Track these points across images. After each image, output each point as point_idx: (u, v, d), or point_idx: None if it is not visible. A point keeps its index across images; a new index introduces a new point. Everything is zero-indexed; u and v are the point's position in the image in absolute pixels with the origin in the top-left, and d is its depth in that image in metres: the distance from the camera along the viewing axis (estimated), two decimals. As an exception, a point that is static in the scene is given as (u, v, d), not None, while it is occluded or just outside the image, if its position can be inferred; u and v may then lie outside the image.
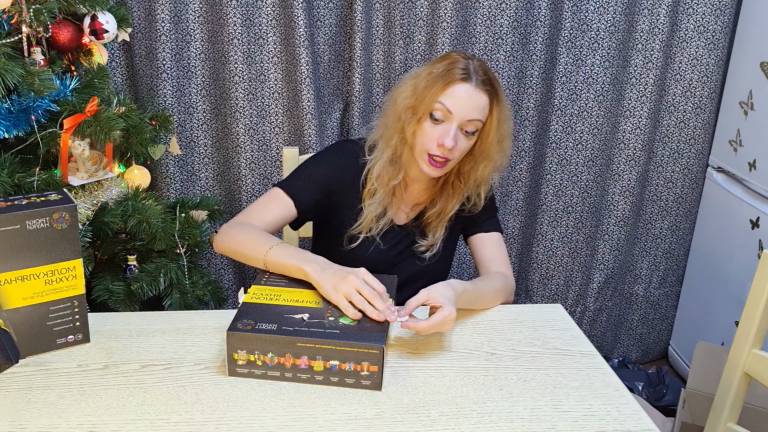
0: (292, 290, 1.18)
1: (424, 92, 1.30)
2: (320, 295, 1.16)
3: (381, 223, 1.41)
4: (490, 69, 1.34)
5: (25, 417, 0.96)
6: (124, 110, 1.62)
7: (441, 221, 1.45)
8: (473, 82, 1.29)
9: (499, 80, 1.36)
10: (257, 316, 1.09)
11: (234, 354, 1.06)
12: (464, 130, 1.30)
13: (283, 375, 1.06)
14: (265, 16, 1.99)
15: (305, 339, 1.03)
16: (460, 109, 1.28)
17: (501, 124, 1.34)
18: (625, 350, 2.60)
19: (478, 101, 1.29)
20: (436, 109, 1.29)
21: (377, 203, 1.40)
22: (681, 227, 2.45)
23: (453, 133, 1.28)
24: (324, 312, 1.11)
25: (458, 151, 1.32)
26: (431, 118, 1.30)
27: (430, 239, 1.45)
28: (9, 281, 1.05)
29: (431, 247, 1.45)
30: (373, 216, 1.40)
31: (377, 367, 1.03)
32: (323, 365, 1.04)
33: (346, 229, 1.42)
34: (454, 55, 1.33)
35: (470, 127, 1.30)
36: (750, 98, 2.12)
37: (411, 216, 1.47)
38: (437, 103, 1.29)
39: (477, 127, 1.31)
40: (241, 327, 1.06)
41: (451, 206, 1.43)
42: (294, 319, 1.08)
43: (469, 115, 1.29)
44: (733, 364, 1.21)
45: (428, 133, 1.31)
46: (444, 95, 1.29)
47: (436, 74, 1.30)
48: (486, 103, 1.31)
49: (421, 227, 1.46)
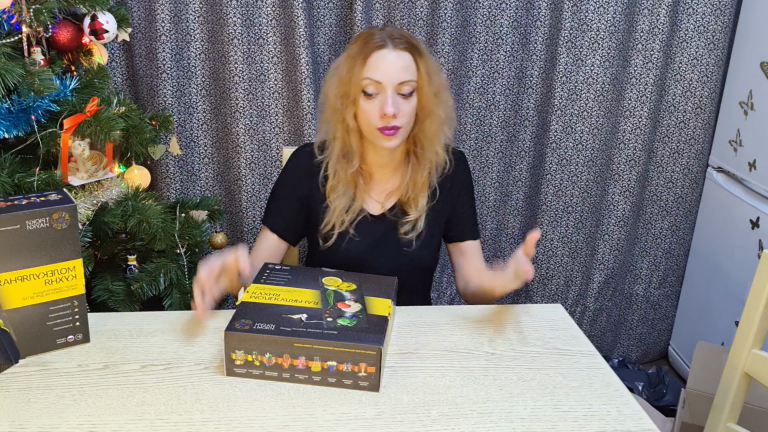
0: (291, 289, 1.18)
1: (349, 75, 1.33)
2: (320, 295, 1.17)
3: (350, 215, 1.43)
4: (405, 31, 1.36)
5: (25, 417, 0.96)
6: (124, 110, 1.61)
7: (418, 193, 1.44)
8: (389, 45, 1.31)
9: (415, 38, 1.38)
10: (255, 315, 1.09)
11: (232, 354, 1.06)
12: (400, 94, 1.32)
13: (281, 375, 1.05)
14: (265, 16, 1.99)
15: (303, 339, 1.03)
16: (387, 76, 1.30)
17: (432, 77, 1.35)
18: (625, 350, 2.60)
19: (401, 61, 1.31)
20: (365, 85, 1.32)
21: (341, 196, 1.42)
22: (681, 227, 2.45)
23: (390, 100, 1.30)
24: (323, 312, 1.11)
25: (404, 115, 1.33)
26: (365, 95, 1.32)
27: (413, 214, 1.44)
28: (9, 281, 1.05)
29: (416, 223, 1.44)
30: (340, 210, 1.42)
31: (375, 368, 1.02)
32: (321, 366, 1.04)
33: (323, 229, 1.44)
34: (364, 33, 1.36)
35: (405, 89, 1.32)
36: (750, 98, 2.12)
37: (386, 206, 1.46)
38: (364, 79, 1.31)
39: (412, 87, 1.33)
40: (239, 327, 1.05)
41: (421, 175, 1.43)
42: (292, 320, 1.08)
43: (398, 78, 1.31)
44: (733, 364, 1.21)
45: (368, 110, 1.33)
46: (367, 69, 1.31)
47: (353, 54, 1.33)
48: (410, 61, 1.32)
49: (400, 212, 1.45)
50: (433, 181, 1.45)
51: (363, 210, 1.44)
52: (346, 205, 1.42)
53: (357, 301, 1.15)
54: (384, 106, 1.30)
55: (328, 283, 1.21)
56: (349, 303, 1.15)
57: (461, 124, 2.24)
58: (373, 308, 1.13)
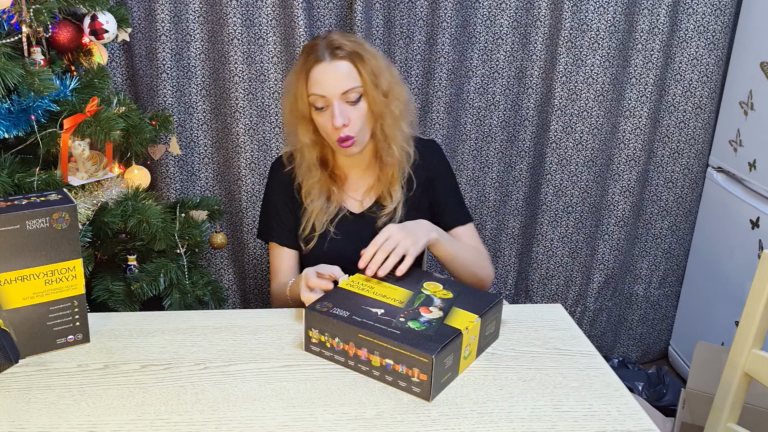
0: (388, 286, 1.21)
1: (296, 93, 1.37)
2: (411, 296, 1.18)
3: (328, 215, 1.45)
4: (343, 34, 1.37)
5: (25, 417, 0.96)
6: (124, 110, 1.61)
7: (391, 186, 1.46)
8: (327, 58, 1.32)
9: (360, 41, 1.38)
10: (338, 301, 1.13)
11: (309, 331, 1.11)
12: (348, 102, 1.33)
13: (347, 362, 1.09)
14: (265, 16, 1.99)
15: (366, 332, 1.05)
16: (329, 89, 1.32)
17: (378, 77, 1.36)
18: (625, 350, 2.60)
19: (340, 71, 1.32)
20: (312, 101, 1.35)
21: (316, 200, 1.45)
22: (681, 227, 2.45)
23: (338, 112, 1.32)
24: (400, 312, 1.11)
25: (355, 122, 1.35)
26: (316, 109, 1.35)
27: (389, 207, 1.46)
28: (9, 281, 1.05)
29: (394, 214, 1.46)
30: (317, 213, 1.45)
31: (427, 376, 1.01)
32: (380, 362, 1.05)
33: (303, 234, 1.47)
34: (307, 45, 1.38)
35: (351, 96, 1.33)
36: (750, 98, 2.12)
37: (366, 204, 1.48)
38: (310, 96, 1.34)
39: (358, 93, 1.34)
40: (319, 307, 1.10)
41: (392, 171, 1.45)
42: (369, 312, 1.10)
43: (340, 88, 1.32)
44: (733, 364, 1.21)
45: (322, 123, 1.36)
46: (310, 85, 1.34)
47: (297, 71, 1.36)
48: (350, 68, 1.33)
49: (379, 208, 1.47)
50: (405, 172, 1.47)
51: (343, 209, 1.47)
52: (322, 207, 1.45)
53: (441, 310, 1.13)
54: (333, 118, 1.32)
55: (426, 287, 1.21)
56: (432, 309, 1.13)
57: (461, 124, 2.25)
58: (452, 319, 1.10)
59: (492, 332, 1.17)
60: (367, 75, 1.33)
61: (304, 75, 1.34)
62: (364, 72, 1.33)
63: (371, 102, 1.35)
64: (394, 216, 1.46)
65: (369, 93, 1.34)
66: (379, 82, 1.35)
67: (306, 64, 1.34)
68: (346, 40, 1.34)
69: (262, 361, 1.11)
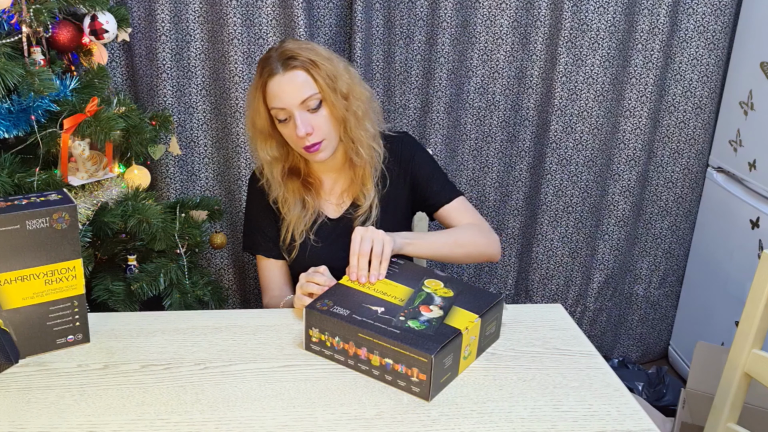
0: (389, 283, 1.20)
1: (256, 109, 1.37)
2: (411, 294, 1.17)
3: (305, 222, 1.45)
4: (297, 42, 1.36)
5: (25, 417, 0.96)
6: (124, 110, 1.61)
7: (363, 186, 1.45)
8: (280, 70, 1.31)
9: (314, 46, 1.36)
10: (338, 299, 1.13)
11: (309, 330, 1.11)
12: (309, 110, 1.33)
13: (347, 361, 1.09)
14: (265, 16, 1.99)
15: (366, 332, 1.05)
16: (287, 101, 1.32)
17: (336, 82, 1.35)
18: (625, 350, 2.60)
19: (294, 81, 1.31)
20: (275, 114, 1.35)
21: (291, 209, 1.45)
22: (681, 227, 2.45)
23: (300, 122, 1.32)
24: (400, 310, 1.11)
25: (319, 128, 1.34)
26: (280, 122, 1.35)
27: (364, 206, 1.45)
28: (9, 281, 1.05)
29: (369, 213, 1.45)
30: (294, 222, 1.44)
31: (426, 376, 1.01)
32: (379, 361, 1.05)
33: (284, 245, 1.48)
34: (261, 58, 1.37)
35: (311, 104, 1.33)
36: (750, 98, 2.13)
37: (344, 207, 1.48)
38: (271, 110, 1.35)
39: (317, 99, 1.33)
40: (319, 306, 1.10)
41: (362, 168, 1.44)
42: (368, 310, 1.10)
43: (298, 98, 1.32)
44: (733, 364, 1.21)
45: (288, 135, 1.37)
46: (269, 99, 1.34)
47: (254, 87, 1.36)
48: (305, 77, 1.32)
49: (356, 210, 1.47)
50: (377, 170, 1.46)
51: (321, 215, 1.47)
52: (299, 216, 1.45)
53: (442, 308, 1.13)
54: (296, 129, 1.32)
55: (427, 285, 1.21)
56: (433, 308, 1.13)
57: (461, 124, 2.25)
58: (452, 319, 1.09)
59: (493, 332, 1.17)
60: (323, 81, 1.32)
61: (260, 90, 1.34)
62: (319, 78, 1.32)
63: (331, 106, 1.35)
64: (369, 215, 1.45)
65: (328, 98, 1.34)
66: (336, 86, 1.34)
67: (261, 78, 1.34)
68: (298, 48, 1.33)
69: (262, 361, 1.11)
